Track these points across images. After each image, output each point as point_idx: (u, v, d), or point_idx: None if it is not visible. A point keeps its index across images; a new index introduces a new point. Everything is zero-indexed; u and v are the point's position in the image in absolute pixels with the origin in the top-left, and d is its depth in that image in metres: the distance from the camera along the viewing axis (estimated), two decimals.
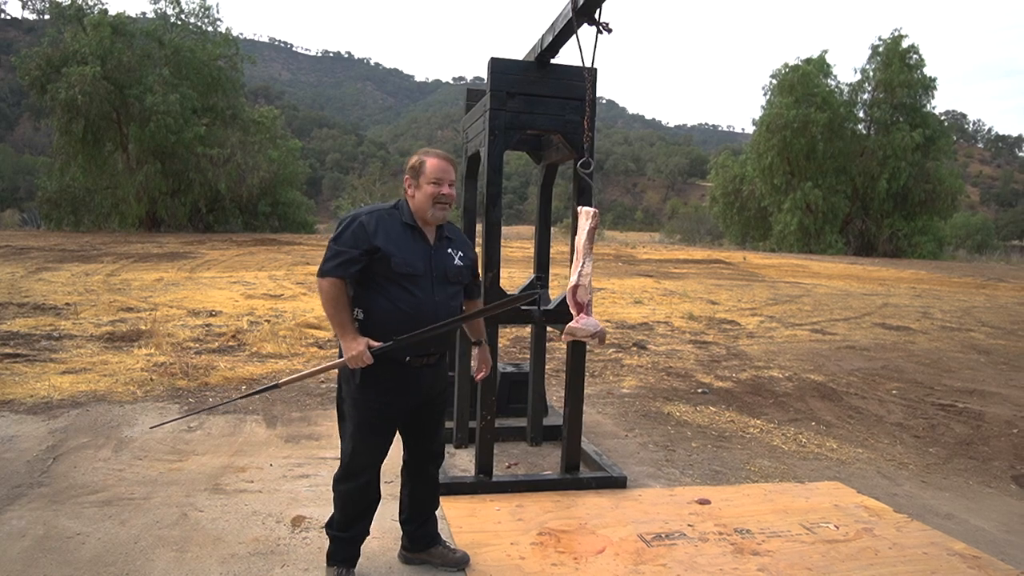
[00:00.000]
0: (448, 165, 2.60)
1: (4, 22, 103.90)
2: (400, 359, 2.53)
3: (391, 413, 2.61)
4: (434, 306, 2.52)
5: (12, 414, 4.60)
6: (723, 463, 4.22)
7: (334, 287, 2.47)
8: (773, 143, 32.51)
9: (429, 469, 2.86)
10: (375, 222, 2.51)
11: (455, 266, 2.62)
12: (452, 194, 2.59)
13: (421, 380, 2.60)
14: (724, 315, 10.10)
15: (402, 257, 2.49)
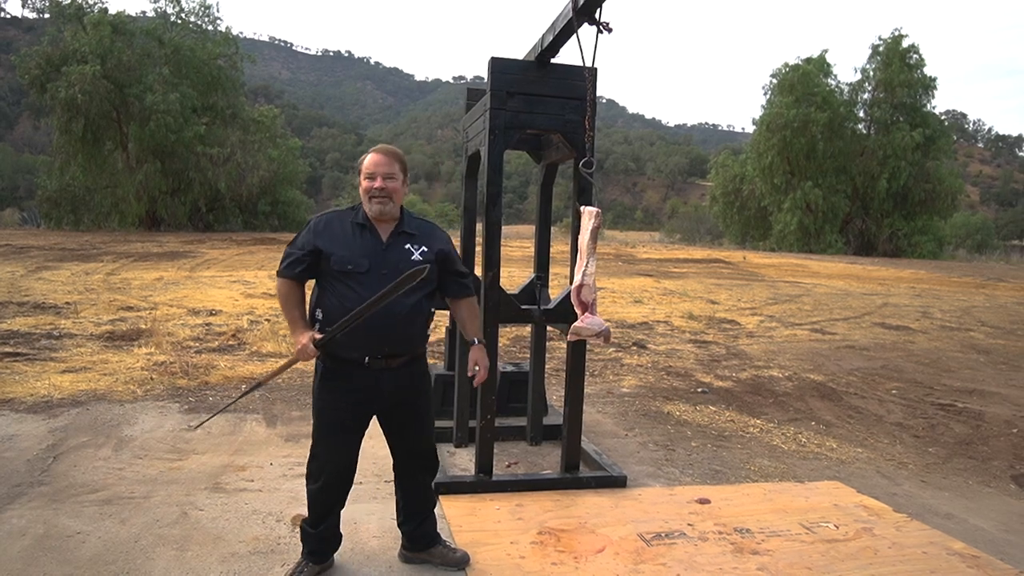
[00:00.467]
0: (384, 158, 2.56)
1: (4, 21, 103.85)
2: (358, 360, 2.51)
3: (347, 416, 2.58)
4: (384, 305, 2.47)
5: (12, 413, 4.61)
6: (723, 462, 4.22)
7: (283, 285, 2.58)
8: (773, 143, 32.52)
9: (416, 475, 2.81)
10: (324, 223, 2.58)
11: (411, 262, 2.53)
12: (390, 187, 2.53)
13: (381, 383, 2.55)
14: (724, 315, 10.10)
15: (342, 255, 2.49)
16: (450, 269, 2.68)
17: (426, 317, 2.62)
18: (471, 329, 2.76)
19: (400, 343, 2.54)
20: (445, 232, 2.74)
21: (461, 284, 2.74)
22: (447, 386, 4.63)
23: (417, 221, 2.67)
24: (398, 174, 2.56)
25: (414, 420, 2.69)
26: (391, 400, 2.59)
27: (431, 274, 2.55)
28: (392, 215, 2.56)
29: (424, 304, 2.58)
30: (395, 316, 2.49)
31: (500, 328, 4.61)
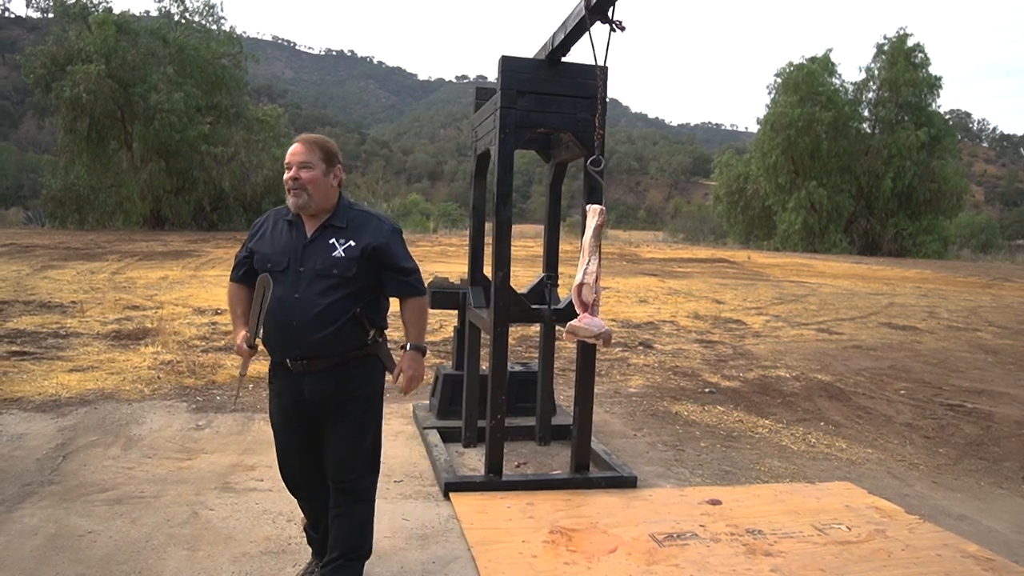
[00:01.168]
0: (300, 146, 2.36)
1: (8, 20, 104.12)
2: (283, 362, 2.41)
3: (283, 418, 2.50)
4: (293, 303, 2.31)
5: (21, 412, 4.61)
6: (733, 463, 4.21)
7: (229, 289, 2.57)
8: (777, 142, 32.43)
9: (337, 499, 2.49)
10: (263, 221, 2.50)
11: (331, 258, 2.32)
12: (305, 177, 2.32)
13: (303, 387, 2.38)
14: (730, 314, 10.08)
15: (264, 253, 2.39)
16: (388, 265, 2.40)
17: (352, 317, 2.34)
18: (412, 332, 2.50)
19: (313, 346, 2.32)
20: (390, 224, 2.47)
21: (401, 283, 2.44)
22: (455, 385, 4.63)
23: (354, 213, 2.43)
24: (317, 163, 2.34)
25: (336, 430, 2.43)
26: (317, 407, 2.41)
27: (355, 271, 2.33)
28: (317, 207, 2.36)
29: (347, 304, 2.33)
30: (305, 316, 2.31)
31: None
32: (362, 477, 2.52)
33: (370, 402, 2.48)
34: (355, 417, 2.44)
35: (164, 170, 26.19)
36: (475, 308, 4.15)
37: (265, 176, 27.62)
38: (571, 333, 3.06)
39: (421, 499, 3.52)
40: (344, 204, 2.42)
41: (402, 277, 2.44)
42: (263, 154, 27.89)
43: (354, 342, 2.37)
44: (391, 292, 2.46)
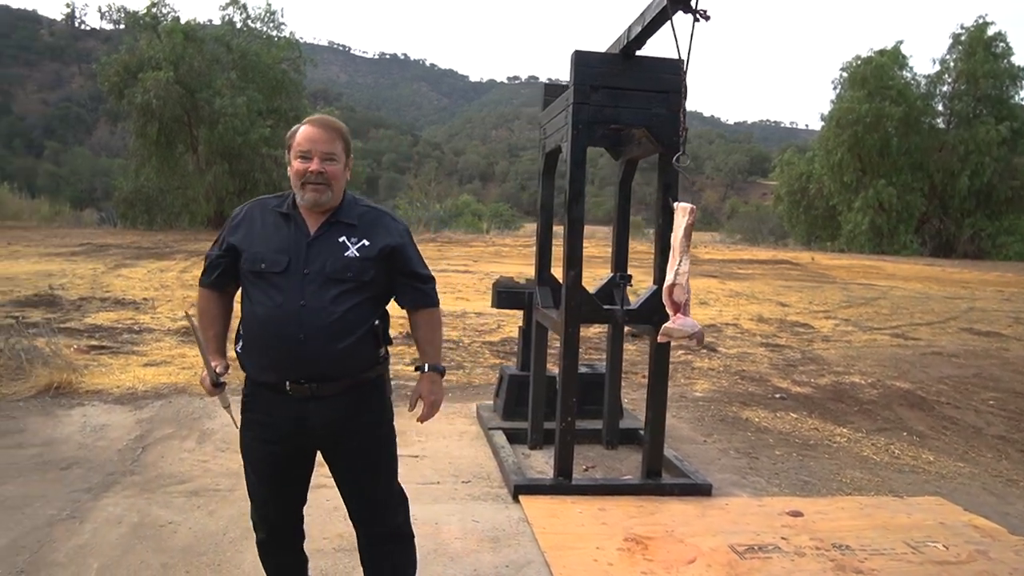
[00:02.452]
0: (322, 132, 1.97)
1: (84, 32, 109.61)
2: (277, 385, 1.95)
3: (267, 453, 2.02)
4: (298, 312, 1.90)
5: (102, 403, 4.77)
6: (811, 473, 4.02)
7: (200, 298, 2.13)
8: (843, 139, 31.17)
9: (374, 545, 2.17)
10: (243, 214, 2.07)
11: (343, 258, 1.95)
12: (330, 171, 1.96)
13: (306, 416, 1.97)
14: (796, 317, 9.74)
15: (256, 251, 1.97)
16: (403, 270, 2.07)
17: (370, 329, 1.99)
18: (428, 351, 2.14)
19: (328, 364, 1.93)
20: (402, 224, 2.13)
21: (418, 290, 2.10)
22: (521, 386, 4.57)
23: (362, 208, 2.07)
24: (340, 155, 1.99)
25: (361, 467, 2.07)
26: (326, 438, 2.02)
27: (372, 275, 1.99)
28: (330, 205, 2.00)
29: (364, 312, 1.97)
30: (315, 326, 1.90)
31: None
32: (405, 517, 2.21)
33: (391, 430, 2.14)
34: (386, 448, 2.11)
35: (227, 172, 27.04)
36: (543, 308, 4.08)
37: None
38: (666, 335, 2.97)
39: (490, 500, 3.47)
40: (350, 197, 2.06)
41: (419, 284, 2.10)
42: None
43: (369, 359, 2.01)
44: (405, 301, 2.11)
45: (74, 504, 3.23)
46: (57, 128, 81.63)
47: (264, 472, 2.07)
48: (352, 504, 2.15)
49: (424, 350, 2.16)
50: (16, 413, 4.49)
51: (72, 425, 4.32)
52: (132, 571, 2.69)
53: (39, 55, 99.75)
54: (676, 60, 3.41)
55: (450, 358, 6.52)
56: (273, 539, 2.17)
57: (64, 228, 24.38)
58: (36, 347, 5.41)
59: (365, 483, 2.11)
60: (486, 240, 24.40)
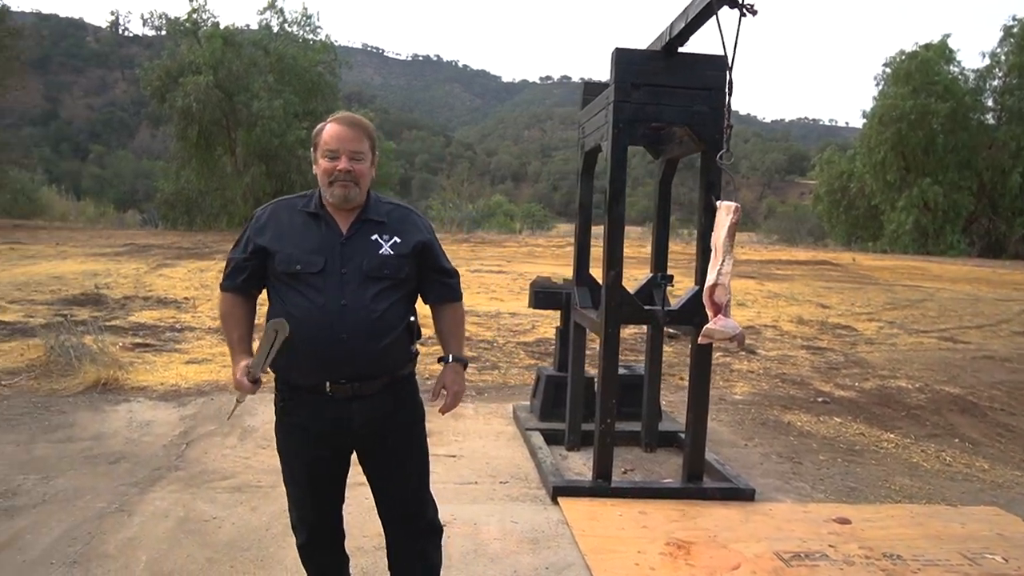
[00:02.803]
0: (349, 131, 1.98)
1: (127, 39, 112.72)
2: (316, 387, 1.95)
3: (311, 457, 2.04)
4: (340, 312, 1.90)
5: (147, 400, 4.88)
6: (858, 479, 3.91)
7: (223, 302, 2.09)
8: (886, 136, 30.19)
9: (408, 541, 2.18)
10: (268, 215, 2.04)
11: (378, 256, 1.96)
12: (358, 170, 1.96)
13: (351, 416, 1.97)
14: (837, 319, 9.50)
15: (289, 252, 1.95)
16: (432, 266, 2.10)
17: (406, 326, 2.02)
18: (453, 343, 2.17)
19: (369, 362, 1.94)
20: (426, 219, 2.16)
21: (445, 285, 2.14)
22: (558, 387, 4.54)
23: (388, 206, 2.08)
24: (367, 152, 2.00)
25: (397, 464, 2.10)
26: (365, 438, 2.03)
27: (406, 272, 2.01)
28: (357, 202, 2.01)
29: (401, 309, 2.00)
30: (357, 324, 1.90)
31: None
32: (436, 511, 2.24)
33: (422, 425, 2.17)
34: (414, 443, 2.13)
35: (264, 173, 27.50)
36: (581, 308, 4.05)
37: None
38: (707, 336, 2.91)
39: (528, 502, 3.45)
40: (373, 195, 2.07)
41: (446, 279, 2.13)
42: None
43: (405, 356, 2.05)
44: (432, 296, 2.14)
45: (122, 498, 3.30)
46: (102, 132, 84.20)
47: (305, 475, 2.08)
48: (387, 501, 2.16)
49: (448, 342, 2.18)
50: (66, 408, 4.62)
51: (119, 420, 4.42)
52: (179, 565, 2.74)
53: (85, 62, 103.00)
54: (720, 56, 3.36)
55: (485, 358, 6.51)
56: (314, 541, 2.17)
57: (108, 229, 25.07)
58: (84, 344, 5.56)
59: (402, 479, 2.12)
60: (519, 240, 24.38)
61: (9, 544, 2.85)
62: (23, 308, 8.06)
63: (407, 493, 2.14)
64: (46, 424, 4.31)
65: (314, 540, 2.16)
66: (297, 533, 2.18)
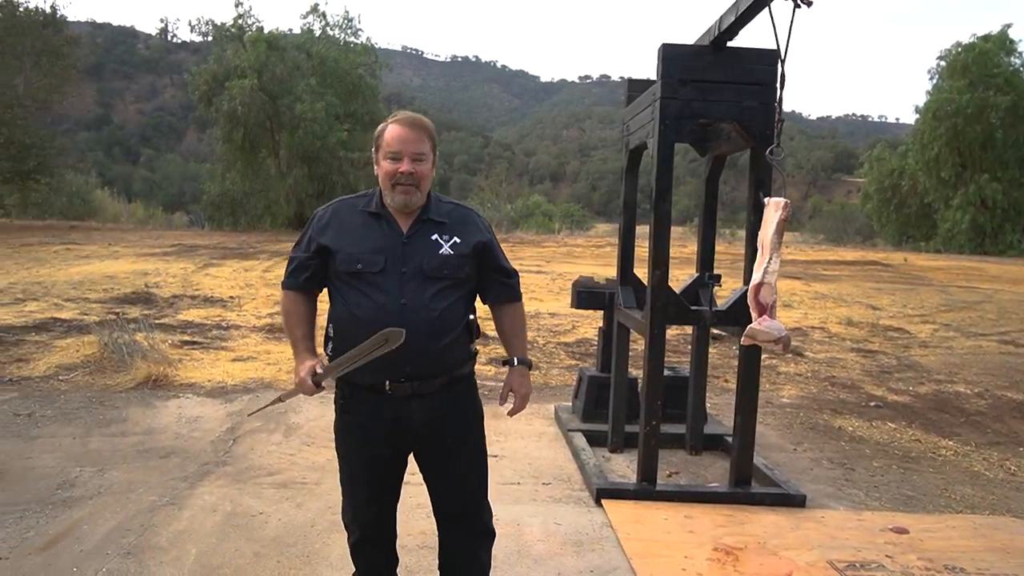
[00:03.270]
0: (411, 132, 1.96)
1: (176, 45, 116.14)
2: (375, 386, 1.96)
3: (370, 455, 2.05)
4: (400, 311, 1.91)
5: (195, 396, 4.99)
6: (915, 487, 3.76)
7: (286, 299, 2.12)
8: (940, 132, 28.98)
9: (462, 541, 2.17)
10: (329, 215, 2.06)
11: (438, 256, 1.97)
12: (420, 172, 1.96)
13: (411, 414, 1.98)
14: (889, 321, 9.20)
15: (350, 252, 1.97)
16: (492, 266, 2.10)
17: (465, 325, 2.03)
18: (516, 344, 2.16)
19: (428, 361, 1.95)
20: (485, 220, 2.16)
21: (505, 285, 2.14)
22: (601, 388, 4.49)
23: (448, 206, 2.09)
24: (428, 154, 2.00)
25: (455, 463, 2.10)
26: (425, 437, 2.03)
27: (467, 272, 2.02)
28: (416, 206, 2.02)
29: (460, 308, 2.00)
30: (417, 324, 1.90)
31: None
32: (490, 514, 2.22)
33: (482, 425, 2.16)
34: (477, 442, 2.13)
35: (306, 175, 27.99)
36: (625, 308, 3.99)
37: None
38: (750, 337, 2.82)
39: (572, 503, 3.42)
40: (433, 195, 2.09)
41: (506, 279, 2.14)
42: None
43: (464, 355, 2.05)
44: (493, 296, 2.14)
45: (173, 491, 3.37)
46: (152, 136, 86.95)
47: (363, 473, 2.10)
48: (444, 501, 2.16)
49: (512, 344, 2.17)
50: (119, 403, 4.76)
51: (169, 416, 4.53)
52: (227, 558, 2.78)
53: (136, 68, 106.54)
54: (771, 50, 3.28)
55: (539, 359, 6.50)
56: (368, 539, 2.17)
57: (157, 230, 25.87)
58: (136, 342, 5.72)
59: (460, 479, 2.12)
60: (558, 240, 24.29)
61: (67, 534, 2.94)
62: (78, 306, 8.35)
63: (464, 493, 2.14)
64: (100, 418, 4.44)
65: (368, 538, 2.16)
66: (350, 530, 2.19)
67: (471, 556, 2.19)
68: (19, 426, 4.25)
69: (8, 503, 3.20)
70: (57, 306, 8.29)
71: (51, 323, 7.24)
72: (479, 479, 2.17)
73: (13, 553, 2.77)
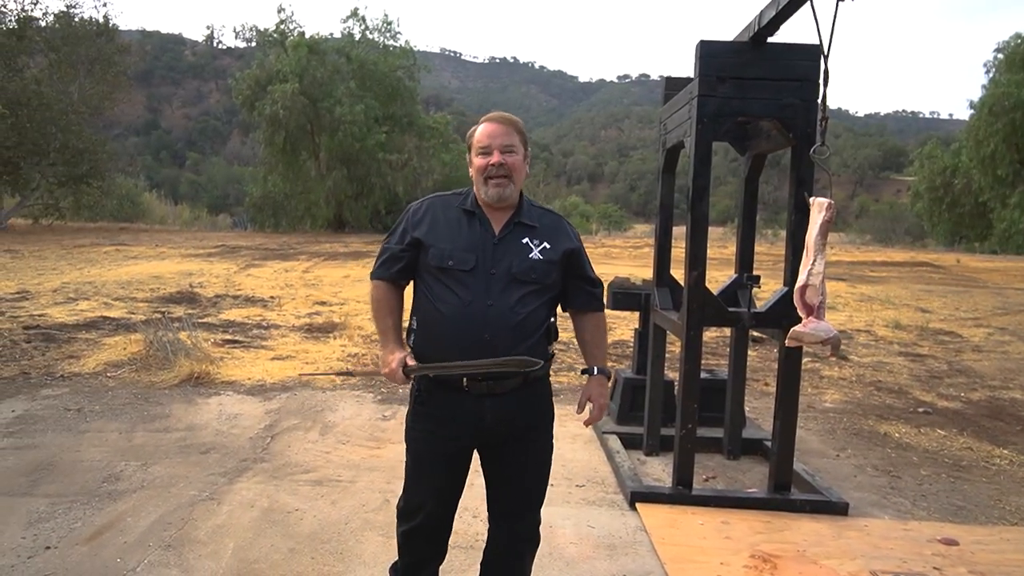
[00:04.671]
0: (500, 127, 2.04)
1: (220, 51, 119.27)
2: (453, 382, 2.01)
3: (440, 448, 2.08)
4: (485, 311, 1.94)
5: (235, 393, 5.10)
6: (966, 497, 3.61)
7: (376, 289, 2.14)
8: (997, 128, 27.64)
9: (510, 540, 2.18)
10: (424, 209, 2.11)
11: (528, 260, 2.00)
12: (510, 163, 2.01)
13: (484, 413, 2.02)
14: (940, 325, 8.88)
15: (442, 248, 2.01)
16: (578, 274, 2.13)
17: (547, 330, 2.06)
18: (597, 354, 2.18)
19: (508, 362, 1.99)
20: (574, 228, 2.19)
21: (590, 294, 2.16)
22: (636, 390, 4.43)
23: (539, 211, 2.12)
24: (518, 146, 2.05)
25: (520, 464, 2.11)
26: (495, 435, 2.06)
27: (553, 277, 2.05)
28: (511, 201, 2.05)
29: (543, 313, 2.04)
30: (501, 326, 1.95)
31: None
32: (539, 520, 2.22)
33: (551, 428, 2.18)
34: (544, 446, 2.15)
35: (346, 177, 28.40)
36: (661, 310, 3.93)
37: (434, 180, 29.03)
38: (795, 339, 2.75)
39: (605, 506, 3.38)
40: (526, 198, 2.12)
41: (590, 288, 2.16)
42: (432, 160, 29.38)
43: (544, 358, 2.06)
44: (577, 304, 2.16)
45: (212, 487, 3.45)
46: (197, 140, 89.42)
47: (430, 465, 2.11)
48: (504, 500, 2.16)
49: (592, 353, 2.19)
50: (163, 400, 4.89)
51: (210, 413, 4.63)
52: (263, 553, 2.82)
53: (183, 74, 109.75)
54: (813, 45, 3.19)
55: (560, 359, 6.46)
56: (423, 529, 2.17)
57: (202, 231, 26.58)
58: (179, 340, 5.87)
59: (523, 480, 2.13)
60: (595, 241, 24.15)
61: (112, 525, 3.02)
62: (126, 305, 8.62)
63: (523, 494, 2.15)
64: (145, 414, 4.57)
65: (424, 528, 2.16)
66: (405, 519, 2.19)
67: (515, 556, 2.21)
68: (69, 420, 4.40)
69: (58, 494, 3.31)
70: (106, 305, 8.57)
71: (100, 321, 7.49)
72: (539, 483, 2.17)
73: (62, 543, 2.86)
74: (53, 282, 10.49)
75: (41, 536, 2.92)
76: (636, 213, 55.18)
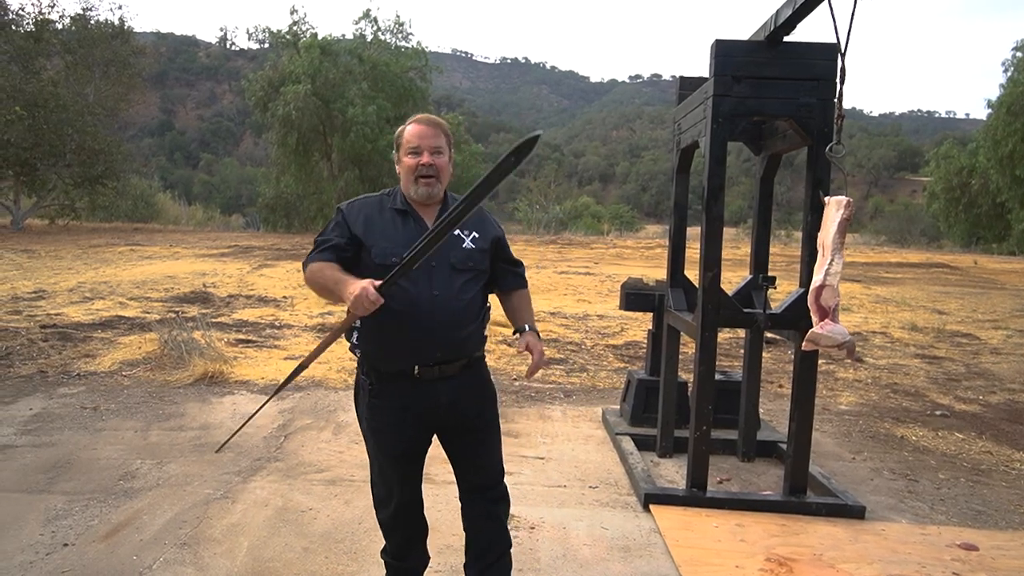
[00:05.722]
0: (428, 128, 2.15)
1: (234, 53, 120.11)
2: (404, 372, 2.10)
3: (400, 438, 2.17)
4: (432, 301, 2.07)
5: (249, 393, 5.12)
6: (985, 502, 3.56)
7: (315, 265, 2.10)
8: (1015, 127, 27.18)
9: (483, 506, 2.33)
10: (356, 210, 2.18)
11: (463, 250, 2.15)
12: (438, 164, 2.14)
13: (438, 396, 2.13)
14: (956, 327, 8.78)
15: (384, 246, 2.09)
16: (504, 258, 2.31)
17: (485, 313, 2.23)
18: (525, 316, 2.30)
19: (454, 347, 2.12)
20: (495, 217, 2.37)
21: (516, 275, 2.35)
22: (649, 392, 4.41)
23: None
24: (445, 148, 2.18)
25: (476, 438, 2.25)
26: (451, 416, 2.18)
27: (486, 264, 2.22)
28: (438, 197, 2.19)
29: (481, 298, 2.20)
30: (448, 312, 2.08)
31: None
32: (502, 477, 2.35)
33: (494, 406, 2.31)
34: (493, 419, 2.30)
35: (358, 178, 28.51)
36: (675, 311, 3.90)
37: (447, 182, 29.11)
38: (811, 342, 2.72)
39: (619, 508, 3.36)
40: (449, 194, 2.25)
41: (515, 269, 2.36)
42: None
43: (481, 340, 2.23)
44: (506, 285, 2.33)
45: (227, 485, 3.46)
46: (210, 141, 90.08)
47: (394, 454, 2.21)
48: (470, 473, 2.30)
49: (522, 316, 2.33)
50: (178, 399, 4.92)
51: (224, 412, 4.66)
52: (277, 552, 2.83)
53: (197, 75, 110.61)
54: (830, 44, 3.18)
55: (572, 360, 6.44)
56: (402, 513, 2.29)
57: (215, 232, 26.74)
58: (194, 339, 5.91)
59: (484, 452, 2.28)
60: (606, 242, 24.10)
61: (128, 523, 3.04)
62: (141, 304, 8.69)
63: (489, 465, 2.30)
64: (160, 413, 4.60)
65: (402, 512, 2.29)
66: (383, 507, 2.31)
67: (494, 519, 2.34)
68: (86, 419, 4.43)
69: (76, 492, 3.34)
70: (122, 304, 8.65)
71: (116, 321, 7.55)
72: (498, 450, 2.33)
73: (79, 540, 2.88)
74: (69, 282, 10.60)
75: (59, 533, 2.94)
76: (647, 214, 55.01)
